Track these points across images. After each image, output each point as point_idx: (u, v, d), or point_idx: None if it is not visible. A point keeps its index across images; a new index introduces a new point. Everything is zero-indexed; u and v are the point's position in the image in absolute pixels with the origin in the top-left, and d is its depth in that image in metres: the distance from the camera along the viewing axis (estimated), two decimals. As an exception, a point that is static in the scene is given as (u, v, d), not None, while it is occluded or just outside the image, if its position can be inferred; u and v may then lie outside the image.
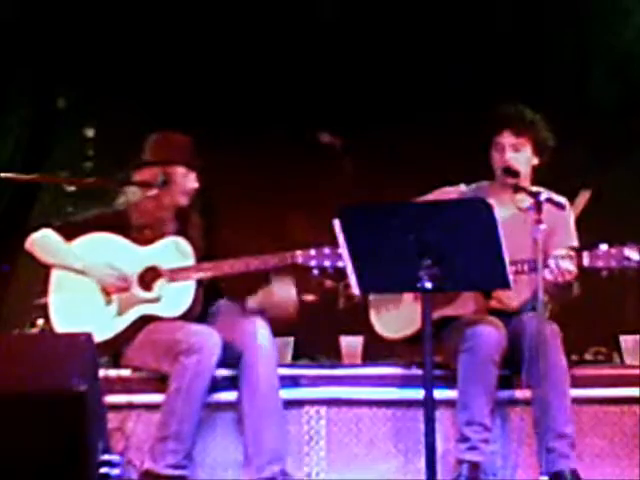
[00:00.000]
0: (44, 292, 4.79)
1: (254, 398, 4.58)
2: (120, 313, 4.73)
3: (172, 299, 4.72)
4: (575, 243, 4.74)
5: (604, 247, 4.42)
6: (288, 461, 4.64)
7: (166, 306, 4.72)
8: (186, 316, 4.71)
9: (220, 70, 6.22)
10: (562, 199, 4.61)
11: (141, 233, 4.83)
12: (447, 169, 5.31)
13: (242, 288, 4.87)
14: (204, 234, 4.89)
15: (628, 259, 4.37)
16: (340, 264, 4.51)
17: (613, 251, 4.40)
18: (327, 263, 4.66)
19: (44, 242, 4.80)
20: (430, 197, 4.90)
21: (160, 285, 4.73)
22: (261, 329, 4.66)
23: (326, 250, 4.65)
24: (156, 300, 4.72)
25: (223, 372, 4.67)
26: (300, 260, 4.68)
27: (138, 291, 4.73)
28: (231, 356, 4.65)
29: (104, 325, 4.69)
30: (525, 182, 4.77)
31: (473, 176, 4.98)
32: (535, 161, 4.84)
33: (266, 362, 4.61)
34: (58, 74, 6.30)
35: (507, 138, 4.78)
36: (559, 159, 4.93)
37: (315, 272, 4.69)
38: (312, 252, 4.68)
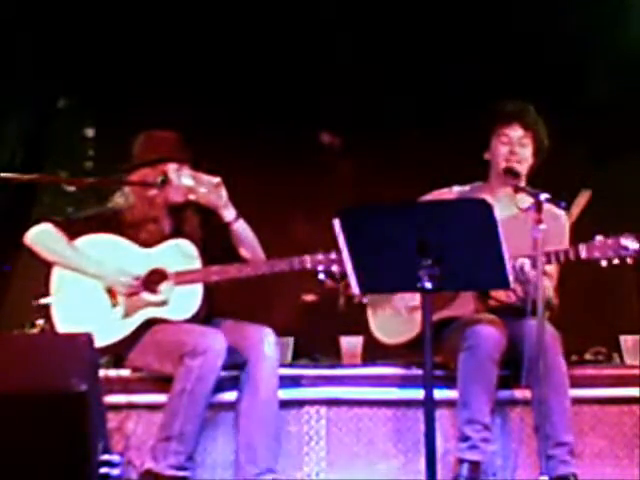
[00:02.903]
0: (45, 293, 4.77)
1: (253, 409, 4.58)
2: (126, 316, 4.72)
3: (179, 302, 4.70)
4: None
5: (600, 238, 4.43)
6: (288, 461, 4.66)
7: (173, 309, 4.70)
8: (193, 320, 4.70)
9: (220, 71, 6.22)
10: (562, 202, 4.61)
11: (138, 232, 4.82)
12: (447, 169, 5.31)
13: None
14: (201, 230, 4.88)
15: (625, 248, 4.38)
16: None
17: (610, 241, 4.41)
18: (335, 268, 4.66)
19: (47, 239, 4.74)
20: (426, 199, 4.91)
21: (166, 288, 4.72)
22: (268, 337, 4.66)
23: (333, 255, 4.65)
24: (163, 303, 4.72)
25: (224, 372, 4.66)
26: (309, 265, 4.69)
27: (144, 294, 4.72)
28: (235, 360, 4.65)
29: (110, 328, 4.67)
30: (522, 182, 4.78)
31: (473, 176, 4.99)
32: (531, 161, 4.85)
33: (269, 373, 4.61)
34: (58, 74, 6.29)
35: (516, 131, 4.80)
36: (559, 159, 4.94)
37: (322, 277, 4.69)
38: (320, 257, 4.68)
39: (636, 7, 6.07)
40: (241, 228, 4.82)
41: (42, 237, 4.76)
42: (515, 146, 4.79)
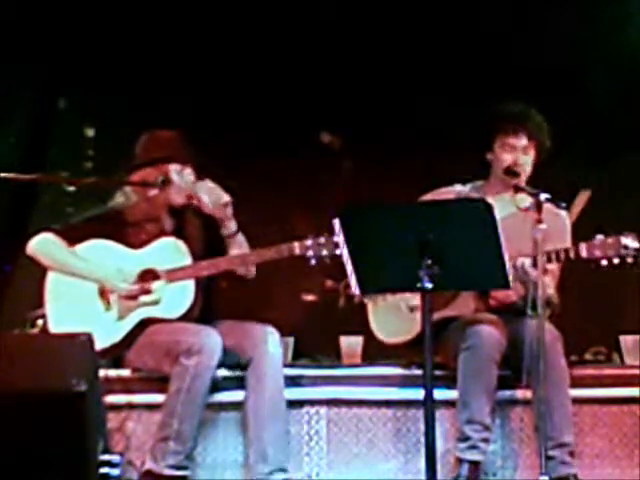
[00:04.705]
0: (40, 304, 4.77)
1: (260, 407, 4.57)
2: (121, 318, 4.72)
3: (172, 300, 4.71)
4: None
5: (600, 237, 4.43)
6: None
7: (166, 308, 4.71)
8: (186, 317, 4.71)
9: (221, 70, 6.22)
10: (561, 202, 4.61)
11: (138, 232, 4.82)
12: (447, 169, 5.32)
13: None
14: (202, 230, 4.89)
15: (625, 247, 4.38)
16: (337, 252, 4.51)
17: (610, 240, 4.41)
18: (324, 252, 4.66)
19: (49, 248, 4.75)
20: (427, 198, 4.91)
21: (159, 287, 4.72)
22: (271, 335, 4.66)
23: (322, 239, 4.66)
24: (156, 302, 4.72)
25: (224, 372, 4.67)
26: (297, 251, 4.69)
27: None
28: (238, 360, 4.65)
29: (106, 331, 4.66)
30: (522, 181, 4.78)
31: (473, 176, 4.99)
32: (534, 161, 4.86)
33: (274, 371, 4.61)
34: (58, 74, 6.29)
35: (521, 140, 4.78)
36: (559, 159, 4.94)
37: (312, 262, 4.69)
38: (309, 242, 4.69)
39: (637, 8, 6.07)
40: (238, 243, 4.83)
41: (43, 246, 4.76)
42: (520, 156, 4.78)
